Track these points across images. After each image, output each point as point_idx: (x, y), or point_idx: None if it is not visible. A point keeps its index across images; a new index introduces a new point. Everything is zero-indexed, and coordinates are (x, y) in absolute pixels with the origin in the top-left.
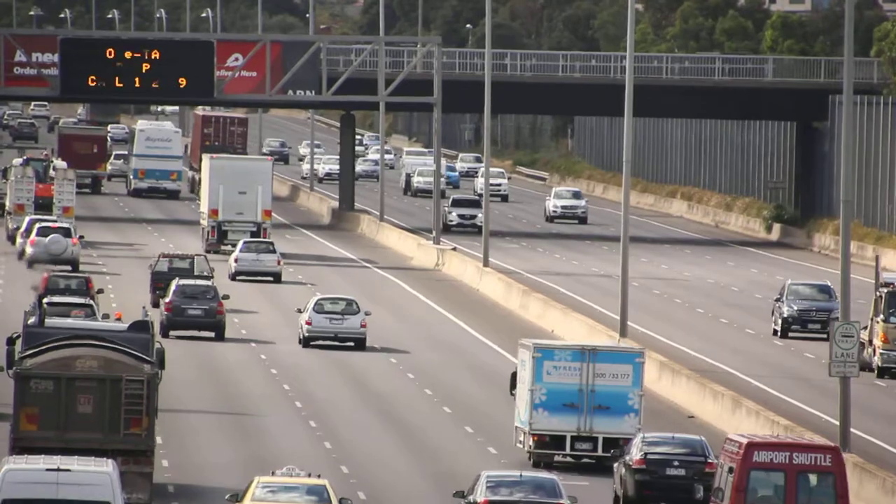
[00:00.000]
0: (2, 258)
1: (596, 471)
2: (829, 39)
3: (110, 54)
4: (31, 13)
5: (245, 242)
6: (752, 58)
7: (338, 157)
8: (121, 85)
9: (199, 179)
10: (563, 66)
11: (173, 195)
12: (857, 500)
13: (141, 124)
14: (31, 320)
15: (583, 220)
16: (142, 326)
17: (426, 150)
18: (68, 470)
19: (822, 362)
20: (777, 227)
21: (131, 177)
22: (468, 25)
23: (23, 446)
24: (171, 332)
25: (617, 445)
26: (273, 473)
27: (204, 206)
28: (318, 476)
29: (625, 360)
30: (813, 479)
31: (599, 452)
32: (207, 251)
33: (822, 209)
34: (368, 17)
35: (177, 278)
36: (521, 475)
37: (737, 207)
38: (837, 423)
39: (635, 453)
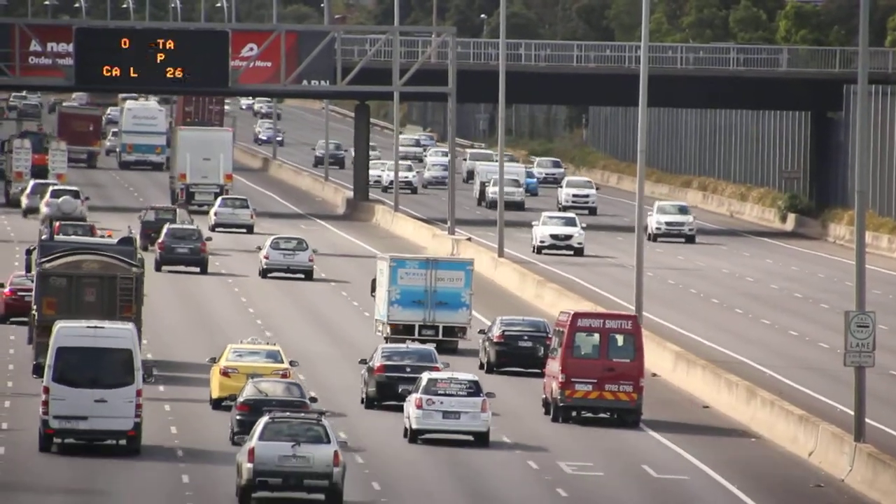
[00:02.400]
0: (17, 246)
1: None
2: (843, 29)
3: (125, 44)
4: (46, 3)
5: (223, 199)
6: (767, 48)
7: (404, 163)
8: (135, 75)
9: None
10: (578, 56)
11: (158, 167)
12: (872, 490)
13: (129, 104)
14: (44, 236)
15: (690, 239)
16: (127, 241)
17: (492, 151)
18: (102, 327)
19: (837, 352)
20: (792, 217)
21: (120, 150)
22: (482, 15)
23: (44, 326)
24: (164, 268)
25: (453, 332)
26: (241, 342)
27: (174, 171)
28: (274, 344)
29: (458, 267)
30: (619, 338)
31: (440, 337)
32: (189, 214)
33: (836, 199)
34: (383, 6)
35: (168, 223)
36: (407, 346)
37: (752, 197)
38: (852, 412)
39: (495, 331)
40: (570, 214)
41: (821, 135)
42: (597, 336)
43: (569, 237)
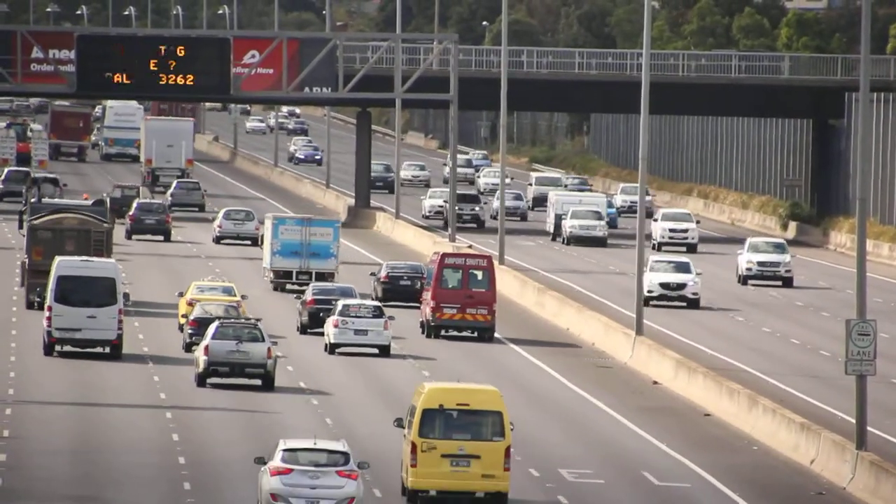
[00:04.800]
0: (17, 253)
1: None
2: (844, 37)
3: (127, 51)
4: (48, 10)
5: (178, 181)
6: (769, 55)
7: (444, 189)
8: (137, 82)
9: None
10: (580, 64)
11: (136, 159)
12: (874, 498)
13: (111, 102)
14: (33, 200)
15: (788, 282)
16: (100, 203)
17: (562, 173)
18: (91, 260)
19: (838, 360)
20: (793, 224)
21: (103, 144)
22: (484, 23)
23: (34, 270)
24: (134, 237)
25: (324, 278)
26: (203, 280)
27: (142, 157)
28: (230, 282)
29: (328, 225)
30: (478, 273)
31: (313, 281)
32: (153, 193)
33: (838, 207)
34: (385, 14)
35: (137, 198)
36: (335, 286)
37: (753, 205)
38: (854, 421)
39: (383, 272)
40: (684, 258)
41: (822, 142)
42: (460, 272)
43: (682, 286)
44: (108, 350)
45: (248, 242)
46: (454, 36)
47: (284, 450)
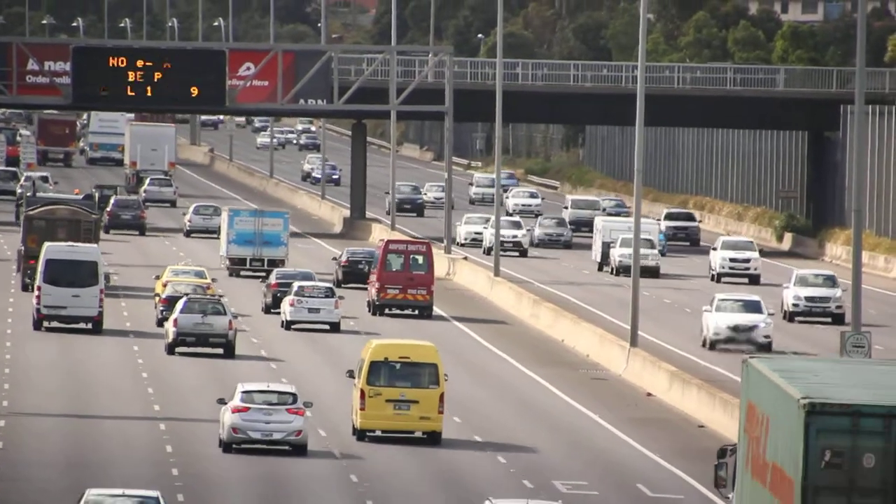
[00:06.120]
0: (13, 265)
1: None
2: (839, 49)
3: (122, 63)
4: (44, 22)
5: (151, 179)
6: (764, 68)
7: (483, 215)
8: (132, 94)
9: None
10: (575, 76)
11: (119, 163)
12: None
13: None
14: (29, 194)
15: (838, 319)
16: (89, 197)
17: (597, 197)
18: (76, 245)
19: None
20: (789, 236)
21: (87, 149)
22: (479, 35)
23: (29, 255)
24: (112, 231)
25: (275, 264)
26: (177, 264)
27: (126, 160)
28: (199, 266)
29: (278, 216)
30: (419, 258)
31: (266, 267)
32: (129, 192)
33: (833, 219)
34: (380, 26)
35: (115, 195)
36: (297, 271)
37: (748, 217)
38: None
39: (343, 257)
40: (754, 297)
41: (818, 154)
42: (402, 256)
43: (752, 328)
44: (90, 325)
45: (216, 236)
46: (449, 48)
47: (243, 391)
